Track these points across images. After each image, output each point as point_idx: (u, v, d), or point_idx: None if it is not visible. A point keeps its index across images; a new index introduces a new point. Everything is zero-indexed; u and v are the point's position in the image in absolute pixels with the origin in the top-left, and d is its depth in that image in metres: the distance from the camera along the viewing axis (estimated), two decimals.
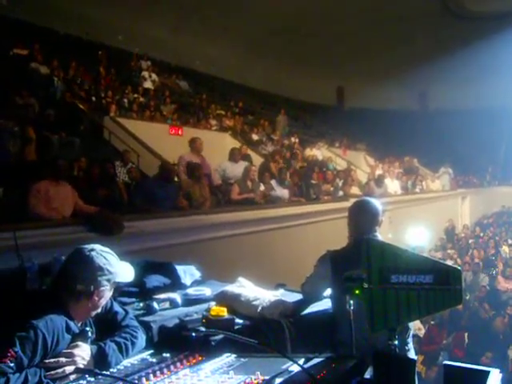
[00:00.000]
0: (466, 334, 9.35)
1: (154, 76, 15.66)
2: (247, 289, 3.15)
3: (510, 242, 15.70)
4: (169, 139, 11.92)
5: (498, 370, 1.84)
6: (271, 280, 3.59)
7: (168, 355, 2.17)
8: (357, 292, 1.98)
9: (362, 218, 3.08)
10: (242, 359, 2.08)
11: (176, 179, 7.97)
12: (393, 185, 13.87)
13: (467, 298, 10.65)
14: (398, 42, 22.05)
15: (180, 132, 12.44)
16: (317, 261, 3.09)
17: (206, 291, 3.17)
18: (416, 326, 9.00)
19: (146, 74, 15.51)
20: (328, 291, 3.08)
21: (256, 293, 3.05)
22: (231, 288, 3.14)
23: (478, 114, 22.60)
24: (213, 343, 2.34)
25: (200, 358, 2.11)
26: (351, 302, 2.18)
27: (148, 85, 15.19)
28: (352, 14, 20.69)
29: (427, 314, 1.96)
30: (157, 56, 18.22)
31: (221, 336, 2.33)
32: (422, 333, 9.46)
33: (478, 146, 23.02)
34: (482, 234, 16.99)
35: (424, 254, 2.29)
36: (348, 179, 12.24)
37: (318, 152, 15.79)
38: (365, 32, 21.56)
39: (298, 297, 3.17)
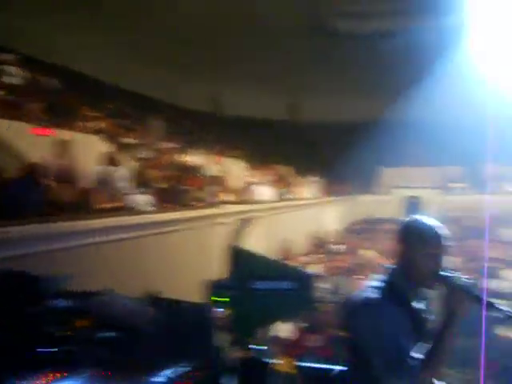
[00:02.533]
0: None
1: (19, 71, 14.60)
2: None
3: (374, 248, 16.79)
4: (33, 140, 11.17)
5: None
6: (144, 288, 3.49)
7: None
8: (212, 299, 2.01)
9: None
10: None
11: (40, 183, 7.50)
12: (265, 192, 14.29)
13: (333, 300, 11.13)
14: (269, 52, 22.59)
15: (47, 133, 11.72)
16: None
17: None
18: (283, 329, 9.29)
19: (9, 68, 14.43)
20: None
21: None
22: None
23: (353, 127, 23.87)
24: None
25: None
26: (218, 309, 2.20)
27: (11, 80, 14.15)
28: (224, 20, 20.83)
29: (288, 318, 2.05)
30: (24, 50, 17.01)
31: None
32: (289, 335, 9.77)
33: (346, 158, 24.38)
34: (348, 241, 18.04)
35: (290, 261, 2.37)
36: (221, 186, 12.40)
37: (193, 158, 15.80)
38: (237, 38, 21.76)
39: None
